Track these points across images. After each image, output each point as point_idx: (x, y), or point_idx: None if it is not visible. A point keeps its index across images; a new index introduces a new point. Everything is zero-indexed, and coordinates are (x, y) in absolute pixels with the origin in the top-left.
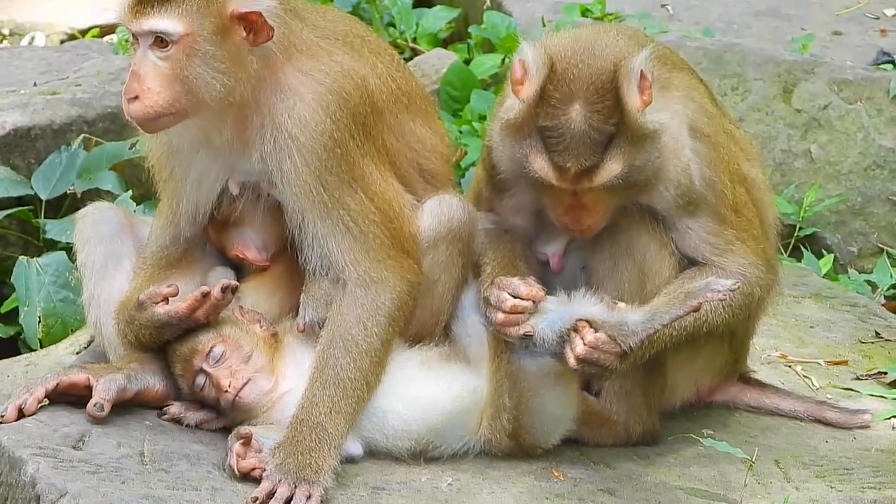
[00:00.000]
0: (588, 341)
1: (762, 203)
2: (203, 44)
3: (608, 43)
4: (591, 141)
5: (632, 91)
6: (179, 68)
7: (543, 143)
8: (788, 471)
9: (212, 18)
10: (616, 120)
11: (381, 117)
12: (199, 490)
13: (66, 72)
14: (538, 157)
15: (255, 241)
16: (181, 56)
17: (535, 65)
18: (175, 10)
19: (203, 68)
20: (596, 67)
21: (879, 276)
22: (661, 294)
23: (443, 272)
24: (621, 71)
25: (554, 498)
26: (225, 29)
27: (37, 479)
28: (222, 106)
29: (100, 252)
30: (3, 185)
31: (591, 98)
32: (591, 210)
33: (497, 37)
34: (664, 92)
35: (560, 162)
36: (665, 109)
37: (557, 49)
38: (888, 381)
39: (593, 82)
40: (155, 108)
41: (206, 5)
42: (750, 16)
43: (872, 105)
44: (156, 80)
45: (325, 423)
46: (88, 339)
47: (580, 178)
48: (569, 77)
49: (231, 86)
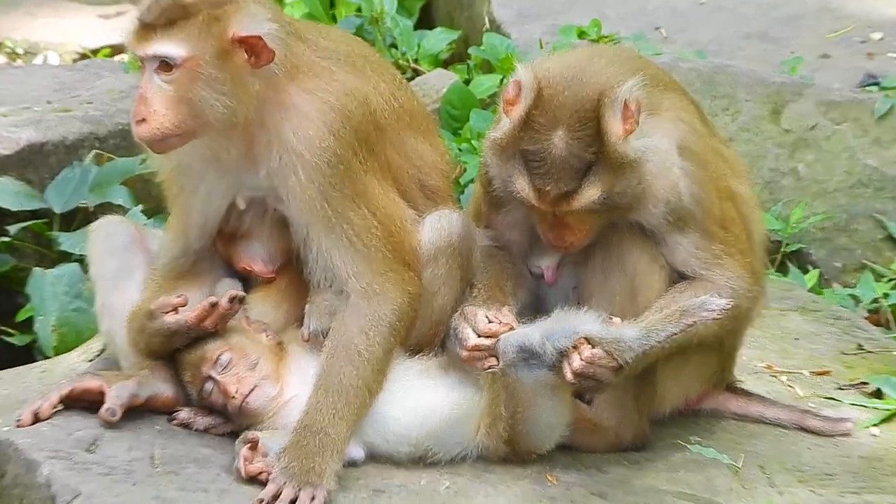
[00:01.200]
0: (585, 357)
1: (750, 219)
2: (206, 67)
3: (597, 70)
4: (571, 167)
5: (614, 120)
6: (184, 91)
7: (526, 166)
8: (773, 476)
9: (213, 42)
10: (596, 148)
11: (384, 134)
12: (207, 492)
13: (79, 90)
14: (520, 178)
15: (261, 254)
16: (185, 79)
17: (525, 87)
18: (178, 34)
19: (206, 91)
20: (581, 95)
21: (863, 291)
22: (655, 309)
23: (442, 285)
24: (605, 100)
25: (547, 501)
26: (227, 52)
27: (52, 480)
28: (227, 126)
29: (112, 264)
30: (18, 198)
31: (573, 125)
32: (574, 228)
33: (496, 58)
34: (654, 113)
35: (540, 185)
36: (654, 131)
37: (547, 74)
38: (870, 392)
39: (577, 110)
40: (162, 130)
41: (208, 30)
42: (741, 38)
43: (858, 126)
44: (161, 103)
45: (329, 428)
46: (101, 348)
47: (559, 202)
48: (554, 103)
49: (234, 107)
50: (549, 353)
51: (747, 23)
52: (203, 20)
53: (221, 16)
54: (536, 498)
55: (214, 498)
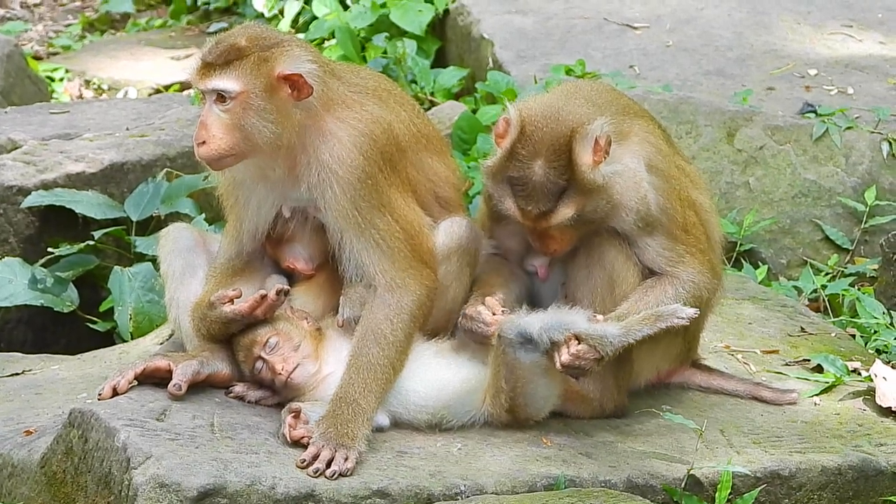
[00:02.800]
0: (572, 352)
1: (709, 223)
2: (256, 99)
3: (571, 109)
4: (548, 191)
5: (584, 152)
6: (237, 119)
7: (511, 189)
8: (731, 438)
9: (262, 79)
10: (568, 175)
11: (405, 155)
12: (258, 454)
13: (153, 119)
14: (507, 199)
15: (303, 254)
16: (238, 109)
17: (511, 124)
18: (233, 72)
19: (256, 119)
20: (557, 132)
21: (804, 283)
22: (633, 304)
23: (454, 280)
24: (576, 136)
25: (543, 460)
26: (273, 87)
27: (127, 444)
28: (273, 148)
29: (178, 263)
30: (102, 209)
31: (549, 156)
32: (556, 238)
33: (498, 91)
34: (624, 139)
35: (523, 206)
36: (624, 154)
37: (530, 113)
38: (811, 367)
39: (552, 144)
40: (218, 151)
41: (258, 68)
42: (701, 75)
43: (799, 146)
44: (219, 129)
45: (360, 400)
46: (170, 333)
47: (539, 219)
48: (535, 138)
49: (279, 133)
50: (544, 342)
51: (706, 62)
52: (254, 60)
53: (269, 57)
54: (534, 457)
55: (264, 459)
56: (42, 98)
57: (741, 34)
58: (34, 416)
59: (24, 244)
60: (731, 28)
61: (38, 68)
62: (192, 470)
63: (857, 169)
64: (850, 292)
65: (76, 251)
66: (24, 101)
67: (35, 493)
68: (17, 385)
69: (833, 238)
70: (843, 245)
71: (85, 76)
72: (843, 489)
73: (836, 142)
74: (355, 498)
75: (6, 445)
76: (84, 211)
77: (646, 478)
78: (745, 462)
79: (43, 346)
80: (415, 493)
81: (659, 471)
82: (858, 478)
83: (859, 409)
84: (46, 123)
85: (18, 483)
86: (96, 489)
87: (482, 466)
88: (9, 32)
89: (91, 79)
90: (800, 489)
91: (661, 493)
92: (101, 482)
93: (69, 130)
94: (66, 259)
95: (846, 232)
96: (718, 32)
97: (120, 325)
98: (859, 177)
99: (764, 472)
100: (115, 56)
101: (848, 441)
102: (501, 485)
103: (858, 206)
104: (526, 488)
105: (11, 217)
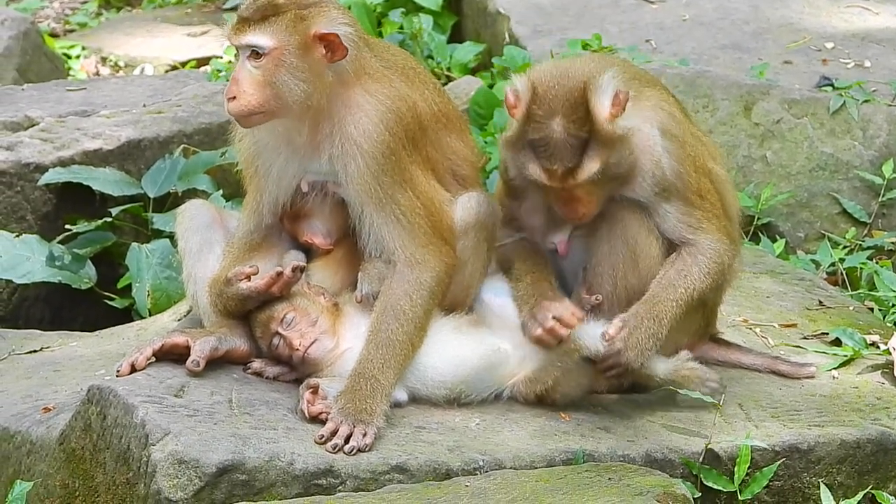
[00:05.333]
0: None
1: (724, 195)
2: (289, 56)
3: (579, 67)
4: (571, 146)
5: (600, 103)
6: (269, 75)
7: (534, 153)
8: (750, 412)
9: (297, 37)
10: (588, 128)
11: (426, 133)
12: (276, 430)
13: (169, 95)
14: (531, 163)
15: (321, 229)
16: (271, 66)
17: (522, 91)
18: (268, 28)
19: (288, 76)
20: (569, 87)
21: (822, 257)
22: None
23: (471, 255)
24: (589, 88)
25: (561, 434)
26: (308, 46)
27: (146, 421)
28: (302, 109)
29: (196, 239)
30: (119, 185)
31: (566, 112)
32: (584, 200)
33: (514, 66)
34: (636, 102)
35: (548, 166)
36: (636, 116)
37: (538, 76)
38: (829, 341)
39: (567, 98)
40: (248, 107)
41: (294, 25)
42: (717, 49)
43: (816, 119)
44: (250, 85)
45: (378, 375)
46: (187, 309)
47: (566, 177)
48: (548, 97)
49: (310, 92)
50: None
51: (723, 36)
52: (290, 17)
53: (306, 15)
54: (552, 432)
55: (282, 435)
56: (59, 75)
57: (757, 7)
58: (52, 393)
59: (41, 221)
60: (748, 1)
61: (55, 45)
62: (211, 446)
63: (875, 142)
64: (868, 265)
65: (94, 228)
66: (41, 79)
67: (54, 469)
68: (35, 362)
69: (851, 211)
70: (860, 218)
71: (101, 53)
72: (861, 463)
73: (853, 115)
74: (374, 473)
75: (25, 423)
76: (101, 188)
77: (664, 452)
78: (763, 436)
79: (61, 324)
80: (433, 469)
81: (677, 445)
82: (877, 451)
83: (878, 382)
84: (63, 101)
85: (37, 460)
86: (115, 466)
87: (501, 441)
88: (25, 10)
89: (107, 56)
90: (818, 463)
91: (680, 467)
92: (119, 459)
93: (86, 107)
94: (84, 236)
95: (864, 205)
96: (735, 6)
97: (138, 301)
98: (877, 150)
99: (782, 446)
100: (131, 33)
101: (866, 414)
102: (520, 459)
103: (876, 179)
104: (544, 463)
105: (29, 194)
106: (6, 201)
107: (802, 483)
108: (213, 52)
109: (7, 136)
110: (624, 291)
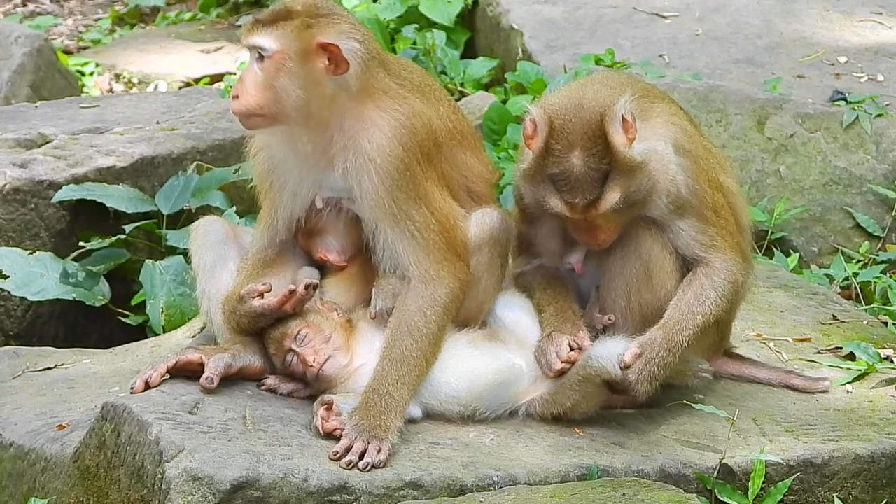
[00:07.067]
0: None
1: (736, 207)
2: (290, 62)
3: (593, 96)
4: (591, 179)
5: (618, 133)
6: (270, 78)
7: (554, 186)
8: (763, 427)
9: (301, 44)
10: (609, 159)
11: (441, 150)
12: (290, 446)
13: (183, 112)
14: (552, 197)
15: (335, 246)
16: (272, 68)
17: (539, 123)
18: (275, 31)
19: (287, 81)
20: (586, 119)
21: (836, 271)
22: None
23: (485, 271)
24: (606, 118)
25: (575, 450)
26: (310, 54)
27: (160, 438)
28: (302, 117)
29: (210, 256)
30: (133, 202)
31: (586, 145)
32: (604, 228)
33: (528, 82)
34: (647, 120)
35: (569, 199)
36: (650, 136)
37: (554, 108)
38: (843, 355)
39: (586, 132)
40: (248, 107)
41: (300, 32)
42: (730, 63)
43: (829, 134)
44: (252, 85)
45: (393, 391)
46: (201, 326)
47: (588, 209)
48: (566, 131)
49: (307, 101)
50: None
51: (736, 50)
52: (298, 24)
53: (314, 24)
54: (566, 447)
55: (297, 451)
56: (72, 92)
57: (770, 22)
58: (67, 410)
59: (55, 238)
60: (761, 16)
61: (69, 62)
62: (225, 463)
63: (888, 156)
64: (882, 280)
65: (107, 245)
66: (55, 96)
67: (68, 487)
68: (49, 379)
69: (864, 225)
70: (874, 232)
71: (115, 70)
72: (876, 477)
73: (866, 129)
74: (388, 490)
75: (39, 440)
76: (115, 205)
77: (678, 467)
78: (777, 451)
79: (75, 341)
80: (448, 485)
81: (692, 460)
82: (892, 465)
83: (892, 396)
84: (77, 118)
85: (51, 477)
86: (129, 483)
87: (515, 457)
88: (39, 27)
89: (121, 73)
90: (833, 477)
91: (694, 482)
92: (133, 476)
93: (99, 124)
94: (98, 253)
95: (877, 219)
96: (748, 20)
97: (152, 318)
98: (890, 164)
99: (797, 461)
100: (144, 50)
101: (881, 429)
102: (534, 475)
103: (889, 193)
104: (559, 478)
105: (43, 211)
106: (20, 218)
107: (817, 498)
108: (227, 69)
109: (21, 153)
110: (638, 306)
